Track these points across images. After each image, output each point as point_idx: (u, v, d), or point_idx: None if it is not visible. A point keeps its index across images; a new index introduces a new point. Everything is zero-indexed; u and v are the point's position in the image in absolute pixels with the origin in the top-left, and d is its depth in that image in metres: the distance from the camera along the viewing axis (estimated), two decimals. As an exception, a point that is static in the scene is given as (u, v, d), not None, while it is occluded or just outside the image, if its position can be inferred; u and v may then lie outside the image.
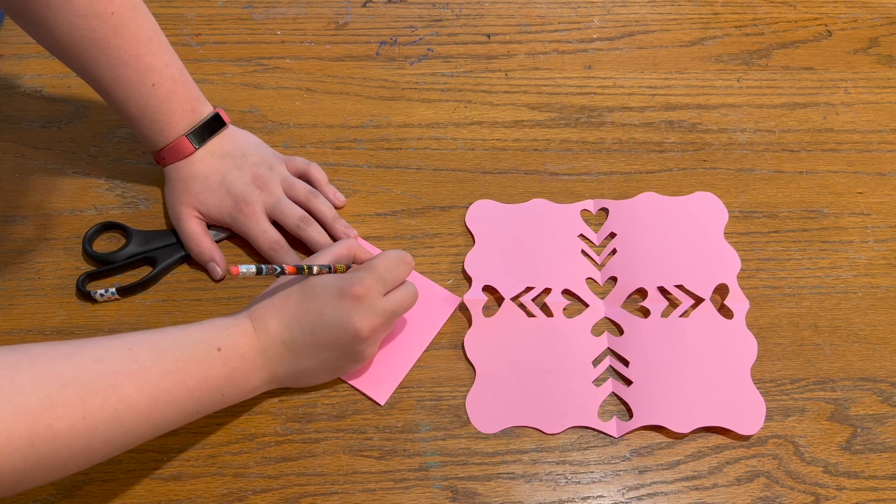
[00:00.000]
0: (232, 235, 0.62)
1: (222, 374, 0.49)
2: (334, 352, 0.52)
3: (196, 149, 0.60)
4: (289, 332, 0.51)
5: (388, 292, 0.53)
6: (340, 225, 0.62)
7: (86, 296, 0.59)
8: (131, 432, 0.45)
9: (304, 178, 0.64)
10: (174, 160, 0.61)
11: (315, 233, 0.60)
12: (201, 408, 0.49)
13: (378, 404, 0.55)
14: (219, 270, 0.60)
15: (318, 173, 0.64)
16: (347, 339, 0.51)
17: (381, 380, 0.56)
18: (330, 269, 0.52)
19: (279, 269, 0.49)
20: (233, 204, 0.60)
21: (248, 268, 0.47)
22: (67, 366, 0.43)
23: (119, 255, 0.61)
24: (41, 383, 0.41)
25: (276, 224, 0.61)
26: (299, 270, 0.50)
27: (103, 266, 0.60)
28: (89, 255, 0.61)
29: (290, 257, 0.60)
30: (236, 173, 0.61)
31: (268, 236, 0.60)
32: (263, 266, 0.48)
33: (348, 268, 0.54)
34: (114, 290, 0.59)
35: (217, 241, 0.62)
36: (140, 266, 0.61)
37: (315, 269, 0.51)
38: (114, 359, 0.45)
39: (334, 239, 0.61)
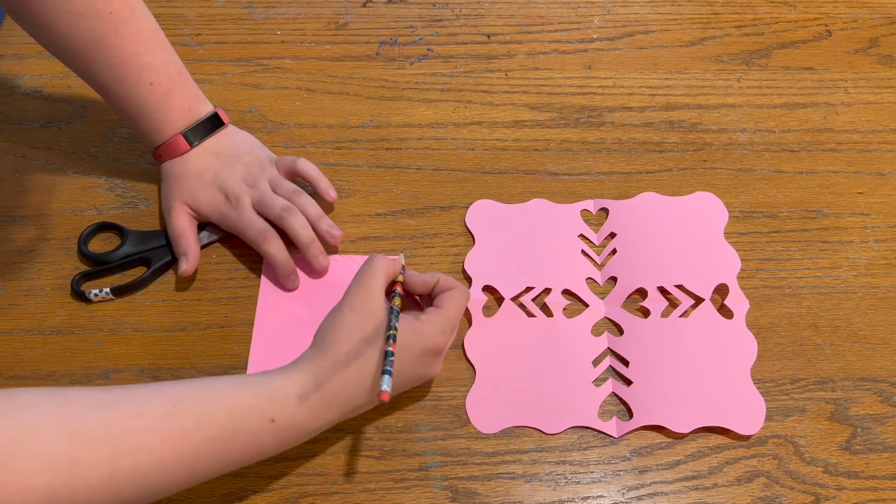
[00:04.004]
0: (225, 237, 0.62)
1: (271, 443, 0.46)
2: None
3: (191, 147, 0.61)
4: (362, 399, 0.49)
5: None
6: (324, 223, 0.61)
7: (80, 296, 0.59)
8: (160, 492, 0.43)
9: (294, 174, 0.63)
10: (170, 157, 0.61)
11: (297, 223, 0.59)
12: (237, 466, 0.46)
13: (378, 404, 0.55)
14: (184, 265, 0.59)
15: (306, 166, 0.63)
16: (420, 382, 0.54)
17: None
18: (397, 314, 0.50)
19: (391, 356, 0.47)
20: (223, 200, 0.60)
21: (387, 380, 0.45)
22: (99, 418, 0.41)
23: (114, 256, 0.61)
24: (68, 436, 0.39)
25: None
26: (394, 339, 0.48)
27: (98, 266, 0.60)
28: (84, 256, 0.61)
29: (276, 245, 0.59)
30: (229, 171, 0.61)
31: (255, 225, 0.60)
32: (389, 368, 0.46)
33: (398, 295, 0.52)
34: (108, 290, 0.59)
35: (208, 243, 0.62)
36: (135, 266, 0.61)
37: (395, 327, 0.49)
38: (152, 416, 0.42)
39: (319, 237, 0.61)
